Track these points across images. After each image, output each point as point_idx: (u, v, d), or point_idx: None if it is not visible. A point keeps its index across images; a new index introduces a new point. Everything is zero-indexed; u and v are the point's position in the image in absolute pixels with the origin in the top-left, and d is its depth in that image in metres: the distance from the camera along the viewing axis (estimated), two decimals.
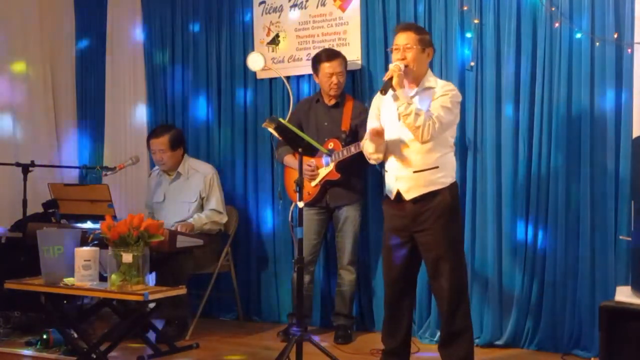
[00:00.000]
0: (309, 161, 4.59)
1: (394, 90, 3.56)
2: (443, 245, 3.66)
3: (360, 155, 4.43)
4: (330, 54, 4.69)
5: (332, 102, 4.74)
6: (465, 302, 3.75)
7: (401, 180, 3.69)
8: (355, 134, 4.64)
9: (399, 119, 3.61)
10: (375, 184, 4.86)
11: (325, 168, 4.63)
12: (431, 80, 3.72)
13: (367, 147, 3.80)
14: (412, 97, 3.67)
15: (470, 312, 3.82)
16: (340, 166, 4.59)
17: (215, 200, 5.00)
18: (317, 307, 5.05)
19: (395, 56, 3.68)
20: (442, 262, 3.68)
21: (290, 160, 4.76)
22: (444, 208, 3.65)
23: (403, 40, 3.67)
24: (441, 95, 3.63)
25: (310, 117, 4.77)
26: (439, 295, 3.76)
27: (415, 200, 3.67)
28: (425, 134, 3.52)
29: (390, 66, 3.64)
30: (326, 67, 4.65)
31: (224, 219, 5.02)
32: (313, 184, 4.65)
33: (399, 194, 3.70)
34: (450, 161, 3.75)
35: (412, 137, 3.62)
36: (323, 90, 4.74)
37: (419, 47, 3.66)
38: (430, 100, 3.63)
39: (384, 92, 3.59)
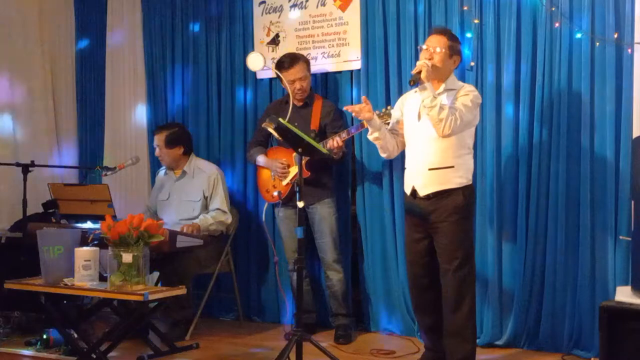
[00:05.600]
0: (281, 159, 4.63)
1: (422, 82, 3.65)
2: (451, 243, 3.75)
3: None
4: (290, 61, 4.71)
5: (300, 103, 4.77)
6: (468, 303, 3.76)
7: (417, 176, 3.82)
8: (324, 133, 4.65)
9: (419, 119, 3.77)
10: (376, 184, 4.86)
11: (295, 166, 4.62)
12: (453, 83, 3.84)
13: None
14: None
15: (475, 314, 3.83)
16: (310, 164, 4.59)
17: (220, 200, 5.00)
18: (316, 307, 5.05)
19: (423, 55, 3.79)
20: (448, 260, 3.75)
21: (263, 160, 4.82)
22: (456, 207, 3.74)
23: (434, 42, 3.80)
24: (463, 94, 3.74)
25: (280, 117, 4.77)
26: (443, 292, 3.79)
27: (428, 197, 3.77)
28: (446, 128, 3.61)
29: (418, 62, 3.73)
30: (286, 75, 4.69)
31: (229, 219, 5.02)
32: (284, 182, 4.67)
33: (414, 190, 3.82)
34: (466, 163, 3.82)
35: (430, 136, 3.73)
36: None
37: (447, 52, 3.79)
38: (452, 101, 3.72)
39: (413, 82, 3.69)
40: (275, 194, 4.71)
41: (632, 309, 3.34)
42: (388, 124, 4.05)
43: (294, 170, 4.65)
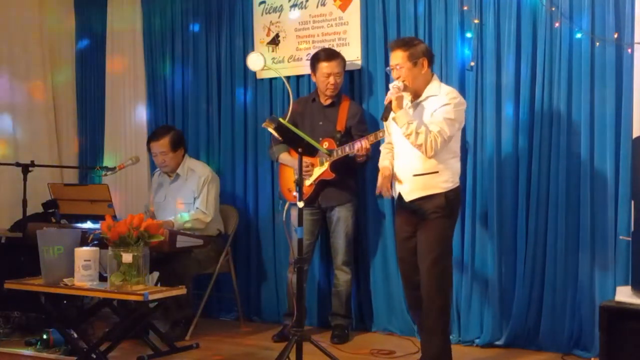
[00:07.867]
0: (305, 159, 4.59)
1: (395, 113, 3.68)
2: (427, 239, 3.78)
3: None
4: (330, 54, 4.67)
5: (328, 101, 4.73)
6: (442, 299, 3.78)
7: (403, 182, 3.84)
8: (349, 135, 4.62)
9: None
10: (374, 185, 4.85)
11: (320, 167, 4.60)
12: (433, 88, 3.80)
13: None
14: (416, 106, 3.77)
15: (449, 310, 3.85)
16: (335, 166, 4.57)
17: (202, 200, 4.96)
18: (315, 307, 5.06)
19: (393, 75, 3.80)
20: (424, 256, 3.78)
21: (286, 158, 4.75)
22: (437, 206, 3.77)
23: (395, 60, 3.80)
24: (444, 104, 3.70)
25: (306, 116, 4.76)
26: (422, 289, 3.81)
27: (412, 202, 3.82)
28: (429, 150, 3.65)
29: (390, 88, 3.74)
30: (324, 66, 4.64)
31: (207, 218, 4.95)
32: (307, 183, 4.62)
33: (400, 195, 3.87)
34: (451, 167, 3.82)
35: None
36: (319, 89, 4.74)
37: (409, 63, 3.76)
38: (432, 109, 3.72)
39: (385, 118, 3.75)
40: (296, 194, 4.69)
41: (632, 309, 3.34)
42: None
43: (317, 171, 4.63)
